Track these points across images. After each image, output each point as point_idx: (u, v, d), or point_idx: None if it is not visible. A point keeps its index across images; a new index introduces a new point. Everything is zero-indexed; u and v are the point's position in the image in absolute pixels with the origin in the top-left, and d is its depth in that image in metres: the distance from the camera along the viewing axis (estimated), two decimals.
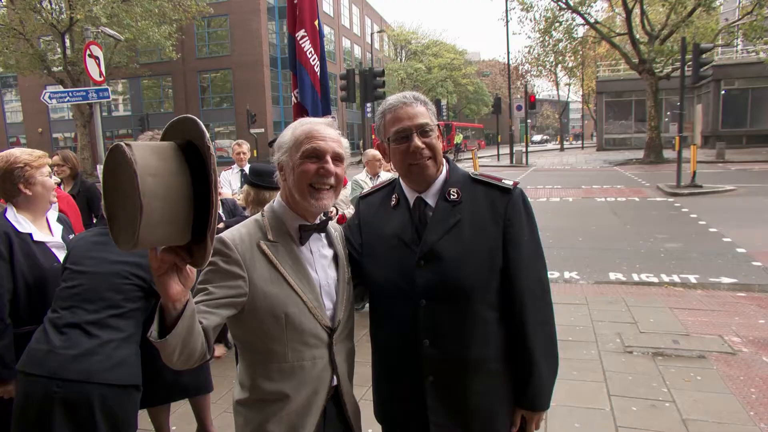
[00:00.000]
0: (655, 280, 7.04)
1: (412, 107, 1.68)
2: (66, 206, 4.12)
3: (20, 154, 2.52)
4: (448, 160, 1.80)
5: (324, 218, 1.73)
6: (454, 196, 1.70)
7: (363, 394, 3.40)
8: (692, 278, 7.02)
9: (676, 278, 7.06)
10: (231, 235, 1.58)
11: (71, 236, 2.70)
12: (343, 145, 1.67)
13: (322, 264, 1.70)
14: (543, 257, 1.75)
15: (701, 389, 3.93)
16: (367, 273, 1.79)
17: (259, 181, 3.18)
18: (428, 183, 1.72)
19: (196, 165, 1.17)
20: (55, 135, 40.85)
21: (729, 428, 3.41)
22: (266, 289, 1.56)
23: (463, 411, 1.69)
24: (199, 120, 1.19)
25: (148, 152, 1.11)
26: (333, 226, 1.83)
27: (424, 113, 1.69)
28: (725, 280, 6.89)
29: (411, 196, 1.75)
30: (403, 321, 1.69)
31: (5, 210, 2.53)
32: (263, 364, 1.61)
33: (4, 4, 25.98)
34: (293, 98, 5.34)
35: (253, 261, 1.56)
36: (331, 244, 1.76)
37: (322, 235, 1.74)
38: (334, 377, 1.69)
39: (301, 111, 5.30)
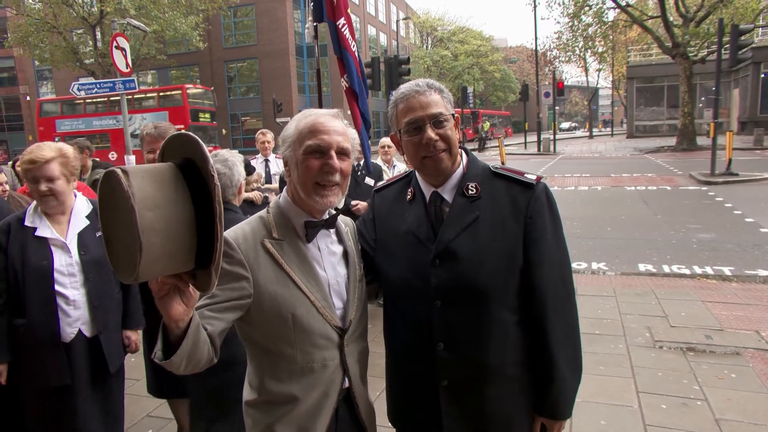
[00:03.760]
0: (687, 272, 6.81)
1: (426, 96, 1.58)
2: (88, 195, 4.17)
3: (25, 153, 2.49)
4: (466, 152, 1.70)
5: (333, 213, 1.64)
6: (472, 191, 1.60)
7: (384, 386, 3.40)
8: (727, 270, 6.77)
9: (709, 270, 6.82)
10: (234, 233, 1.53)
11: (100, 233, 2.63)
12: (349, 138, 1.58)
13: (330, 261, 1.62)
14: (567, 257, 1.64)
15: (736, 388, 3.78)
16: (380, 271, 1.72)
17: None
18: (444, 177, 1.63)
19: (197, 184, 1.10)
20: None
21: (766, 430, 3.26)
22: (271, 289, 1.50)
23: (478, 417, 1.61)
24: (200, 141, 1.11)
25: (146, 181, 1.04)
26: (344, 221, 1.75)
27: (439, 102, 1.58)
28: (762, 272, 6.62)
29: (427, 191, 1.66)
30: (417, 322, 1.61)
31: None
32: (272, 366, 1.55)
33: None
34: (344, 84, 5.37)
35: (257, 260, 1.50)
36: (340, 240, 1.68)
37: (331, 231, 1.66)
38: (346, 379, 1.63)
39: (352, 95, 5.35)
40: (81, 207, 2.63)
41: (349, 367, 1.62)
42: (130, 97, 29.14)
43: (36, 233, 2.47)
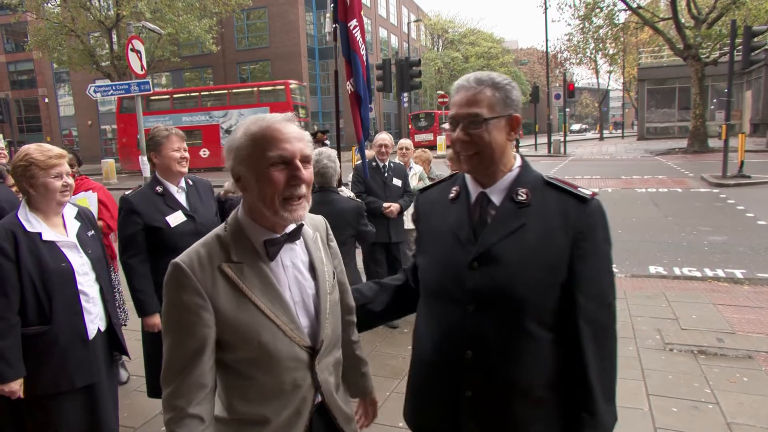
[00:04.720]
0: (698, 274, 6.80)
1: (469, 92, 1.49)
2: (103, 195, 4.28)
3: (33, 151, 2.46)
4: (521, 157, 1.61)
5: (296, 225, 1.50)
6: (522, 197, 1.51)
7: (395, 386, 3.20)
8: (738, 273, 6.75)
9: (720, 273, 6.80)
10: (189, 259, 1.40)
11: (90, 232, 2.66)
12: (307, 142, 1.45)
13: (296, 277, 1.51)
14: (613, 279, 1.54)
15: (748, 391, 3.77)
16: (419, 271, 1.69)
17: None
18: (491, 178, 1.55)
19: None
20: (103, 126, 42.16)
21: None
22: (233, 316, 1.39)
23: None
24: None
25: None
26: (314, 225, 1.65)
27: (483, 100, 1.47)
28: None
29: (474, 191, 1.57)
30: (448, 326, 1.54)
31: (18, 207, 2.50)
32: (241, 388, 1.46)
33: (58, 3, 27.19)
34: (349, 87, 5.37)
35: (215, 287, 1.38)
36: (307, 250, 1.57)
37: (297, 242, 1.53)
38: (319, 395, 1.55)
39: (356, 99, 5.36)
40: (68, 208, 2.65)
41: (321, 383, 1.53)
42: (226, 91, 29.05)
43: (43, 237, 2.43)
